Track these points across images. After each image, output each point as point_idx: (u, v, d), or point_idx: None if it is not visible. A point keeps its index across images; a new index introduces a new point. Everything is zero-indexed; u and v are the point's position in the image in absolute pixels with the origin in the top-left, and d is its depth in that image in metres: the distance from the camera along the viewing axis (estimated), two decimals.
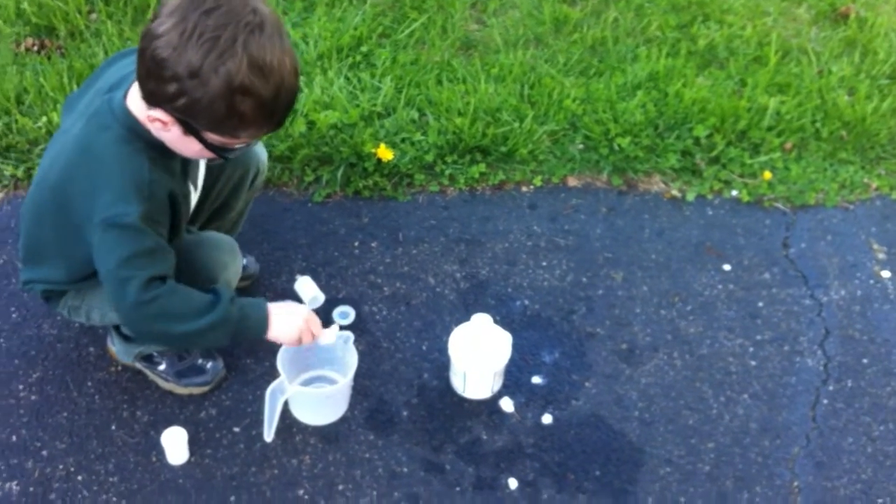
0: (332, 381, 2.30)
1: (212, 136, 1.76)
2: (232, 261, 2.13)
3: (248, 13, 1.64)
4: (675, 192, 2.91)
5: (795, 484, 2.19)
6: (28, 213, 2.03)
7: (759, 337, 2.51)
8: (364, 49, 3.24)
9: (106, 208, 1.79)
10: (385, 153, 2.82)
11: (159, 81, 1.67)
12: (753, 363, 2.44)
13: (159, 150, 1.85)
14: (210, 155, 1.83)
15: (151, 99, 1.72)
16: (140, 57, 1.69)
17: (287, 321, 2.02)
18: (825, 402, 2.37)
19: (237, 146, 1.82)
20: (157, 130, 1.79)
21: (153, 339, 2.15)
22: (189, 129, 1.74)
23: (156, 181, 1.84)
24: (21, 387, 2.31)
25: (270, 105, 1.70)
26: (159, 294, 1.85)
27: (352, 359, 2.19)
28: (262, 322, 1.98)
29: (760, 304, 2.59)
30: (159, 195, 1.86)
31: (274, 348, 2.16)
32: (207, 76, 1.63)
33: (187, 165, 1.98)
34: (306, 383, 2.30)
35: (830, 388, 2.40)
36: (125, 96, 1.82)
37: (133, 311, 1.88)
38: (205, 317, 1.90)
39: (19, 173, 2.82)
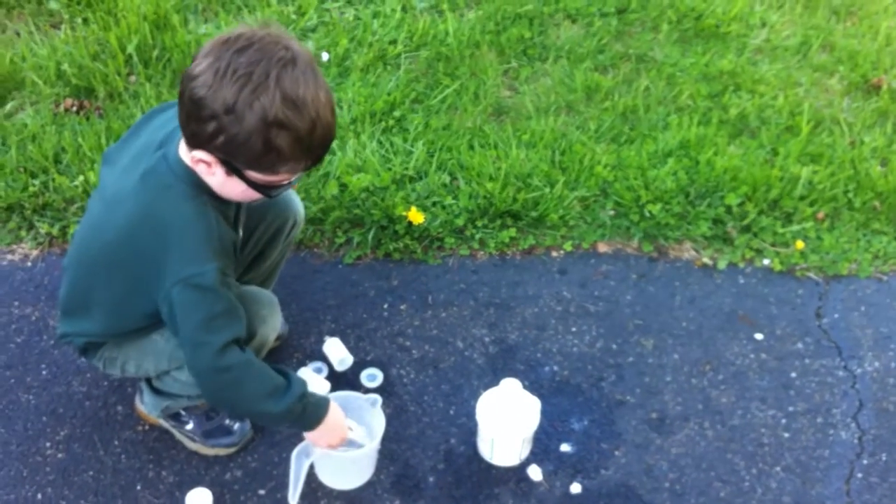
0: (359, 445, 2.27)
1: (253, 175, 1.77)
2: (271, 315, 2.13)
3: (281, 49, 1.68)
4: (706, 260, 2.90)
5: None
6: (73, 271, 2.04)
7: (791, 408, 2.47)
8: (397, 114, 3.27)
9: (181, 269, 1.80)
10: (416, 216, 2.83)
11: (199, 122, 1.70)
12: (786, 435, 2.40)
13: (218, 200, 1.87)
14: (255, 195, 1.84)
15: (194, 141, 1.75)
16: (180, 100, 1.74)
17: (332, 430, 2.07)
18: (859, 475, 2.32)
19: (280, 184, 1.83)
20: (203, 174, 1.82)
21: (217, 403, 2.19)
22: (231, 168, 1.76)
23: (224, 234, 1.88)
24: (48, 444, 2.31)
25: (307, 139, 1.72)
26: (234, 365, 1.88)
27: (379, 423, 2.17)
28: (317, 423, 2.04)
29: (793, 374, 2.56)
30: (227, 247, 1.89)
31: None
32: (242, 112, 1.65)
33: (238, 212, 2.00)
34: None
35: (865, 461, 2.35)
36: (177, 150, 1.85)
37: (206, 376, 1.91)
38: (271, 403, 1.93)
39: (54, 231, 2.86)
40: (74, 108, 3.28)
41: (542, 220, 2.95)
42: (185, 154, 1.82)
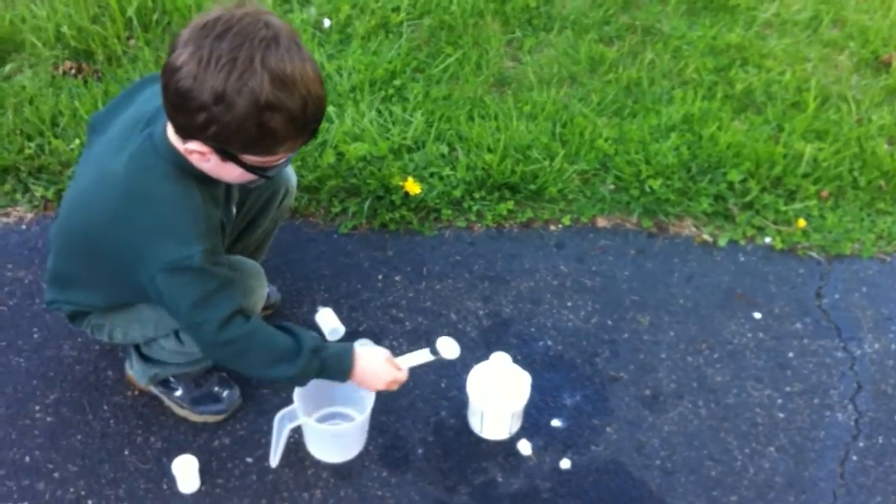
0: (349, 420, 2.26)
1: (249, 158, 1.75)
2: (258, 286, 2.11)
3: (261, 28, 1.63)
4: (706, 237, 2.86)
5: None
6: (60, 243, 2.02)
7: (788, 388, 2.44)
8: (397, 83, 3.23)
9: (167, 254, 1.77)
10: (413, 187, 2.80)
11: (187, 113, 1.66)
12: (781, 415, 2.38)
13: (205, 181, 1.84)
14: (251, 177, 1.82)
15: (184, 132, 1.71)
16: (164, 93, 1.69)
17: (372, 374, 2.06)
18: (854, 458, 2.29)
19: (276, 164, 1.80)
20: (196, 162, 1.78)
21: (232, 370, 2.20)
22: (226, 155, 1.73)
23: (210, 215, 1.85)
24: (37, 407, 2.30)
25: (300, 117, 1.68)
26: (237, 338, 1.87)
27: (369, 397, 2.15)
28: (344, 374, 2.03)
29: (791, 354, 2.53)
30: (214, 227, 1.86)
31: None
32: (232, 99, 1.61)
33: (230, 190, 1.98)
34: (324, 419, 2.26)
35: (861, 444, 2.32)
36: (163, 130, 1.81)
37: (211, 351, 1.95)
38: (283, 366, 1.94)
39: (49, 195, 2.84)
40: (73, 71, 3.25)
41: (540, 194, 2.92)
42: (172, 134, 1.78)
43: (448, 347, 2.14)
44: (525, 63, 3.42)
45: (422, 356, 2.15)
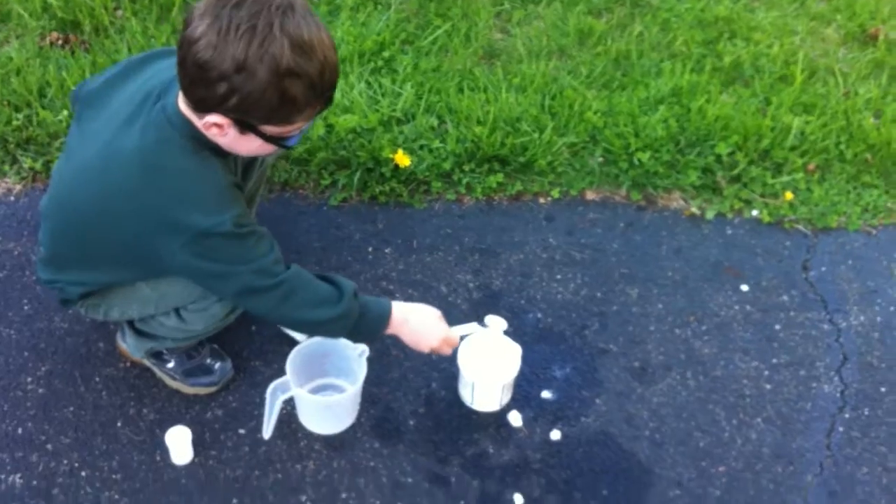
0: (341, 391, 2.27)
1: (268, 129, 1.75)
2: None
3: None
4: (694, 210, 2.88)
5: None
6: (57, 221, 2.00)
7: (774, 360, 2.47)
8: (386, 54, 3.22)
9: (198, 223, 1.76)
10: (402, 159, 2.80)
11: (207, 85, 1.65)
12: (768, 387, 2.41)
13: (219, 152, 1.84)
14: (270, 149, 1.82)
15: (202, 105, 1.71)
16: (182, 66, 1.67)
17: (416, 336, 2.11)
18: (841, 429, 2.32)
19: (294, 133, 1.81)
20: (214, 136, 1.78)
21: (276, 321, 2.19)
22: (246, 126, 1.73)
23: (231, 184, 1.85)
24: (29, 379, 2.30)
25: (319, 83, 1.69)
26: (281, 282, 1.89)
27: (361, 370, 2.16)
28: (381, 321, 2.05)
29: (777, 326, 2.56)
30: (238, 194, 1.87)
31: (286, 352, 2.15)
32: (254, 66, 1.61)
33: (237, 159, 1.98)
34: (316, 390, 2.27)
35: (847, 415, 2.36)
36: (176, 102, 1.79)
37: (258, 300, 1.92)
38: (326, 308, 1.96)
39: (38, 166, 2.83)
40: (60, 42, 3.23)
41: (529, 166, 2.92)
42: (185, 108, 1.77)
43: (497, 323, 2.22)
44: (514, 35, 3.42)
45: (470, 328, 2.20)
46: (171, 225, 1.78)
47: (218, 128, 1.73)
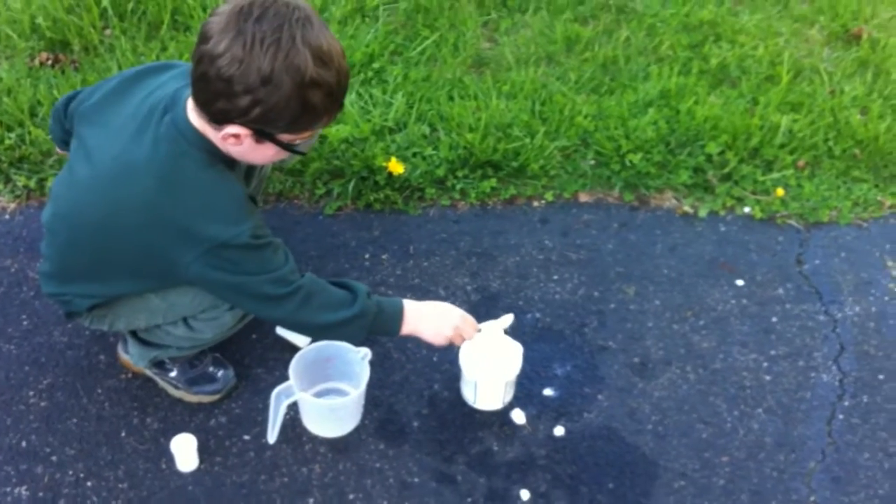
0: (345, 395, 2.27)
1: (286, 137, 1.78)
2: None
3: (294, 9, 1.66)
4: (687, 209, 2.90)
5: (812, 499, 2.16)
6: (67, 235, 1.99)
7: (773, 352, 2.49)
8: (376, 66, 3.25)
9: (216, 235, 1.79)
10: (396, 167, 2.82)
11: (230, 98, 1.67)
12: (768, 378, 2.42)
13: (228, 162, 1.87)
14: (283, 155, 1.85)
15: (222, 117, 1.72)
16: (202, 81, 1.69)
17: (435, 323, 2.11)
18: (841, 417, 2.34)
19: (307, 139, 1.84)
20: (230, 146, 1.80)
21: (296, 326, 2.19)
22: (262, 135, 1.75)
23: (246, 195, 1.88)
24: (31, 393, 2.30)
25: (337, 90, 1.73)
26: (301, 285, 1.93)
27: (364, 373, 2.17)
28: (397, 318, 2.07)
29: (774, 319, 2.58)
30: (252, 206, 1.90)
31: (288, 359, 2.15)
32: (280, 78, 1.64)
33: (241, 166, 2.00)
34: (320, 395, 2.27)
35: (846, 403, 2.37)
36: (185, 115, 1.81)
37: (277, 307, 1.95)
38: (344, 310, 1.99)
39: (31, 184, 2.83)
40: (49, 62, 3.23)
41: (522, 170, 2.94)
42: (196, 119, 1.80)
43: (506, 319, 2.27)
44: (502, 44, 3.45)
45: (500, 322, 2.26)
46: (189, 236, 1.80)
47: (235, 138, 1.76)
